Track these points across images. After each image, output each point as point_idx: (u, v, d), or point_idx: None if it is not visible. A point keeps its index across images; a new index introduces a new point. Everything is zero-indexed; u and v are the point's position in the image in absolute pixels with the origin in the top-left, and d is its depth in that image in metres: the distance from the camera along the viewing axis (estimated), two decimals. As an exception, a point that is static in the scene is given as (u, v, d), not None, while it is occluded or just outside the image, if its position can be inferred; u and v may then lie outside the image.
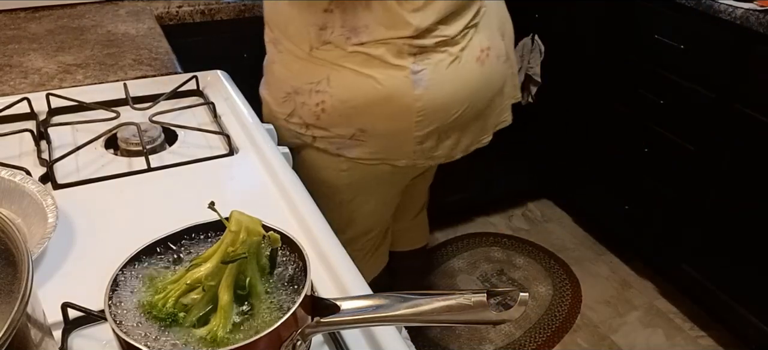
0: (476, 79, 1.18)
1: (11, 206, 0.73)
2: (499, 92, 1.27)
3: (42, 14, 1.45)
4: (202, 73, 1.12)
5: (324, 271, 0.67)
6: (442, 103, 1.15)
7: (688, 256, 1.87)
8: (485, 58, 1.18)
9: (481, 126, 1.27)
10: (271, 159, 0.87)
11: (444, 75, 1.13)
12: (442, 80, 1.13)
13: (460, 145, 1.25)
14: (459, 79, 1.15)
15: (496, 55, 1.22)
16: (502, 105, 1.31)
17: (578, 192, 2.32)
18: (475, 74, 1.18)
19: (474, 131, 1.26)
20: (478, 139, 1.30)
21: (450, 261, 2.18)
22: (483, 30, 1.19)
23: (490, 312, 0.47)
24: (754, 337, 1.72)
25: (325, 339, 0.58)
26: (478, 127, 1.26)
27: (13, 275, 0.39)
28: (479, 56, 1.17)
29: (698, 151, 1.76)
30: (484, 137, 1.31)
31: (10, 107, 0.94)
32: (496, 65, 1.22)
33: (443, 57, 1.13)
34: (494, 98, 1.26)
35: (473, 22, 1.16)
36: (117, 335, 0.47)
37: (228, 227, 0.51)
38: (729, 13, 1.56)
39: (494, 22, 1.23)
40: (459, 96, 1.16)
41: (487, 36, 1.20)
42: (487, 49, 1.19)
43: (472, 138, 1.27)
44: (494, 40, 1.22)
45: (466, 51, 1.16)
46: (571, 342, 1.88)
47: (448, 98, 1.15)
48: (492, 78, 1.22)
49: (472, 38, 1.17)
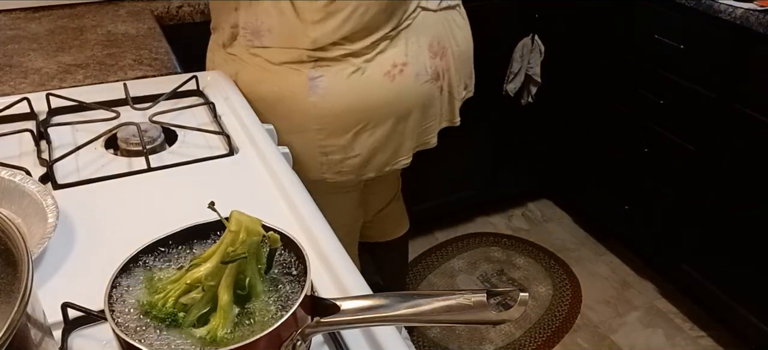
0: (382, 95, 1.12)
1: (11, 206, 0.73)
2: (420, 114, 1.19)
3: (42, 14, 1.45)
4: (202, 73, 1.12)
5: (324, 271, 0.67)
6: (341, 114, 1.11)
7: (688, 256, 1.87)
8: (397, 73, 1.12)
9: (395, 146, 1.20)
10: (271, 159, 0.87)
11: (343, 85, 1.09)
12: (340, 90, 1.10)
13: (372, 163, 1.19)
14: (359, 91, 1.10)
15: (414, 72, 1.14)
16: (425, 127, 1.23)
17: (578, 192, 2.32)
18: (381, 89, 1.12)
19: (387, 151, 1.19)
20: (394, 160, 1.22)
21: (450, 261, 2.18)
22: (401, 45, 1.12)
23: (490, 312, 0.47)
24: (754, 337, 1.72)
25: (325, 339, 0.58)
26: (391, 146, 1.19)
27: (13, 275, 0.39)
28: (389, 71, 1.11)
29: (698, 151, 1.76)
30: (400, 158, 1.23)
31: (10, 107, 0.94)
32: (412, 83, 1.14)
33: (344, 66, 1.09)
34: (407, 119, 1.18)
35: (388, 34, 1.11)
36: (117, 335, 0.47)
37: (228, 227, 0.51)
38: (729, 13, 1.56)
39: (423, 40, 1.15)
40: (359, 108, 1.11)
41: (405, 51, 1.13)
42: (402, 64, 1.12)
43: (386, 158, 1.21)
44: (417, 58, 1.14)
45: (373, 64, 1.11)
46: (571, 342, 1.88)
47: (346, 109, 1.11)
48: (404, 96, 1.15)
49: (384, 51, 1.11)
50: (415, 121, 1.19)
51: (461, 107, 1.33)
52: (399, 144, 1.20)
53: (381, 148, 1.18)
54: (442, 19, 1.19)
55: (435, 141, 1.28)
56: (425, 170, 1.86)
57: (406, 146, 1.22)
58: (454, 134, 1.33)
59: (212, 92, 1.08)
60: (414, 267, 2.14)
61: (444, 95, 1.23)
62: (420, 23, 1.14)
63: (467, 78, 1.31)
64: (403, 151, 1.22)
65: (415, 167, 1.58)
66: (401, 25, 1.12)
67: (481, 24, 1.80)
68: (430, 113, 1.22)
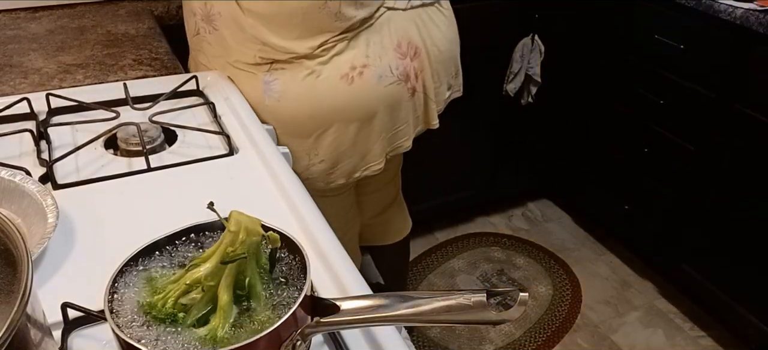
0: (339, 98, 1.08)
1: (11, 206, 0.73)
2: (386, 116, 1.14)
3: (42, 14, 1.45)
4: (202, 73, 1.12)
5: (324, 271, 0.67)
6: (297, 118, 1.08)
7: (688, 256, 1.87)
8: (356, 76, 1.08)
9: (362, 151, 1.15)
10: (271, 159, 0.87)
11: (297, 88, 1.07)
12: (295, 93, 1.07)
13: (339, 169, 1.16)
14: (315, 94, 1.07)
15: (377, 74, 1.09)
16: (395, 130, 1.18)
17: (578, 192, 2.32)
18: (338, 92, 1.08)
19: (353, 156, 1.15)
20: (364, 165, 1.18)
21: (450, 261, 2.18)
22: (361, 46, 1.08)
23: (490, 312, 0.47)
24: (754, 337, 1.72)
25: (325, 339, 0.58)
26: (357, 151, 1.15)
27: (13, 275, 0.39)
28: (347, 73, 1.07)
29: (698, 151, 1.76)
30: (370, 163, 1.18)
31: (10, 107, 0.94)
32: (374, 85, 1.09)
33: (298, 69, 1.06)
34: (371, 122, 1.13)
35: (342, 36, 1.07)
36: (117, 335, 0.47)
37: (227, 228, 0.51)
38: (729, 13, 1.56)
39: (388, 40, 1.11)
40: (315, 112, 1.08)
41: (365, 53, 1.08)
42: (362, 66, 1.08)
43: (353, 164, 1.16)
44: (380, 59, 1.10)
45: (329, 66, 1.07)
46: (571, 342, 1.88)
47: (302, 112, 1.08)
48: (365, 99, 1.10)
49: (341, 53, 1.07)
50: (381, 124, 1.14)
51: (460, 108, 1.31)
52: (366, 149, 1.15)
53: (346, 153, 1.14)
54: (414, 18, 1.14)
55: (409, 144, 1.23)
56: (425, 170, 1.86)
57: (374, 151, 1.17)
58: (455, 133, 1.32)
59: (212, 92, 1.08)
60: (414, 266, 2.14)
61: (417, 97, 1.18)
62: (384, 23, 1.10)
63: (451, 78, 1.26)
64: (371, 156, 1.17)
65: (415, 167, 1.58)
66: (362, 26, 1.08)
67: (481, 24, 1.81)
68: (398, 116, 1.16)
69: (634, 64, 1.90)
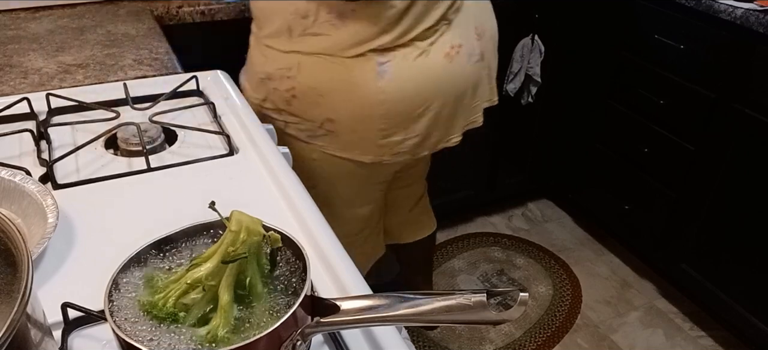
0: (443, 76, 1.18)
1: (11, 206, 0.73)
2: (471, 92, 1.26)
3: (42, 14, 1.45)
4: (202, 73, 1.12)
5: (324, 271, 0.67)
6: (407, 96, 1.15)
7: (688, 256, 1.87)
8: (455, 55, 1.18)
9: (448, 125, 1.26)
10: (271, 159, 0.87)
11: (409, 69, 1.14)
12: (407, 74, 1.14)
13: (427, 142, 1.24)
14: (425, 73, 1.15)
15: (467, 53, 1.20)
16: (473, 105, 1.29)
17: (578, 192, 2.32)
18: (443, 70, 1.17)
19: (441, 129, 1.25)
20: (446, 137, 1.28)
21: (450, 261, 2.18)
22: (456, 27, 1.19)
23: (490, 312, 0.47)
24: (754, 337, 1.72)
25: (325, 339, 0.58)
26: (444, 125, 1.25)
27: (13, 275, 0.39)
28: (448, 53, 1.17)
29: (698, 151, 1.76)
30: (452, 136, 1.29)
31: (10, 107, 0.94)
32: (466, 64, 1.21)
33: (410, 50, 1.14)
34: (463, 97, 1.24)
35: (446, 18, 1.16)
36: (117, 335, 0.47)
37: (228, 227, 0.51)
38: (729, 13, 1.56)
39: (471, 21, 1.22)
40: (424, 91, 1.16)
41: (459, 34, 1.19)
42: (458, 46, 1.18)
43: (439, 136, 1.26)
44: (467, 39, 1.21)
45: (435, 46, 1.16)
46: (571, 342, 1.88)
47: (412, 91, 1.15)
48: (461, 76, 1.21)
49: (443, 34, 1.17)
50: (468, 99, 1.26)
51: None
52: (452, 124, 1.26)
53: (438, 126, 1.23)
54: (481, 6, 1.26)
55: (481, 120, 1.34)
56: (425, 170, 1.86)
57: (458, 125, 1.28)
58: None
59: (212, 92, 1.08)
60: (414, 267, 2.14)
61: (487, 75, 1.31)
62: (468, 9, 1.21)
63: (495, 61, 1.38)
64: (454, 129, 1.28)
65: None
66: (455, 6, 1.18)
67: (481, 24, 1.80)
68: (478, 92, 1.28)
69: (634, 64, 1.90)
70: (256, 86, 1.24)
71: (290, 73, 1.16)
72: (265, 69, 1.20)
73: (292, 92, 1.17)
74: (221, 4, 1.53)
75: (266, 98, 1.22)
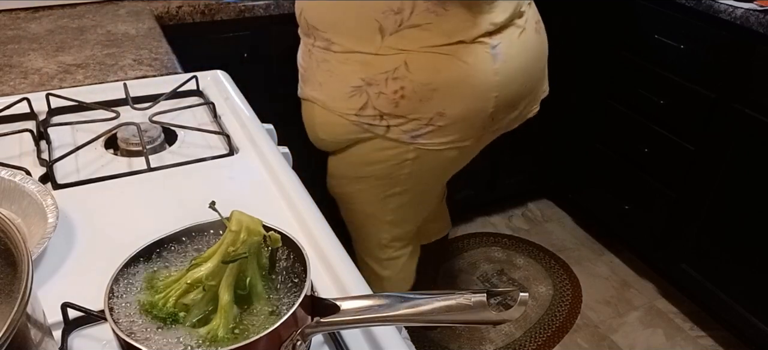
0: (536, 48, 1.22)
1: (11, 206, 0.73)
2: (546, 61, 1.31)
3: (42, 14, 1.45)
4: (202, 73, 1.12)
5: (324, 271, 0.67)
6: (515, 74, 1.17)
7: (688, 256, 1.87)
8: (540, 29, 1.24)
9: (533, 96, 1.30)
10: (271, 159, 0.87)
11: (515, 47, 1.16)
12: (514, 52, 1.16)
13: (519, 115, 1.28)
14: (525, 49, 1.19)
15: (543, 27, 1.27)
16: (545, 74, 1.34)
17: (578, 192, 2.32)
18: (535, 43, 1.22)
19: (527, 101, 1.28)
20: (530, 108, 1.32)
21: (450, 261, 2.18)
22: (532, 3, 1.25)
23: (490, 312, 0.47)
24: (754, 337, 1.72)
25: (325, 339, 0.58)
26: (531, 97, 1.28)
27: (13, 275, 0.39)
28: (536, 27, 1.23)
29: (698, 151, 1.76)
30: (534, 106, 1.33)
31: (10, 107, 0.94)
32: (544, 35, 1.27)
33: (513, 29, 1.15)
34: (544, 67, 1.30)
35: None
36: (117, 335, 0.47)
37: (229, 227, 0.51)
38: (729, 13, 1.56)
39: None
40: (525, 66, 1.19)
41: (534, 9, 1.25)
42: (538, 20, 1.25)
43: (525, 107, 1.29)
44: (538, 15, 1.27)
45: (528, 22, 1.20)
46: (571, 342, 1.88)
47: (519, 68, 1.18)
48: (544, 46, 1.27)
49: (531, 6, 1.23)
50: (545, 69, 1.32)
51: None
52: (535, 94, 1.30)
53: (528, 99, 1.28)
54: None
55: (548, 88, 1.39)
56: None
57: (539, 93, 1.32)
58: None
59: (212, 92, 1.08)
60: (414, 267, 2.14)
61: None
62: None
63: None
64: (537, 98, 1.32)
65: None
66: None
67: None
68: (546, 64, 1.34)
69: (634, 64, 1.90)
70: (347, 98, 1.17)
71: (397, 74, 1.11)
72: (361, 76, 1.14)
73: (401, 92, 1.12)
74: (221, 3, 1.53)
75: (366, 106, 1.16)
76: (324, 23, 1.16)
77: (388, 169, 1.25)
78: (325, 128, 1.26)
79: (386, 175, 1.26)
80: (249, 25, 1.56)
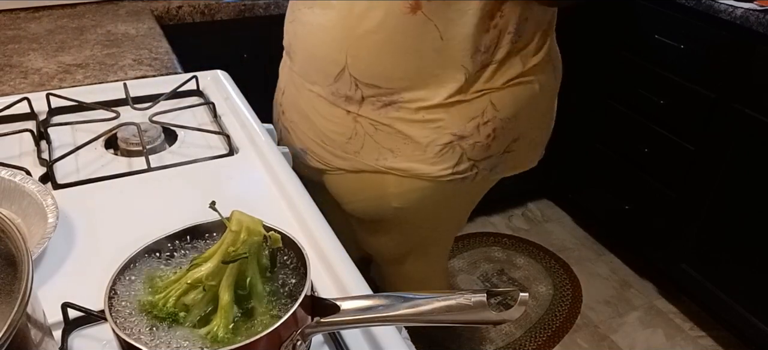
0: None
1: (11, 206, 0.73)
2: None
3: (42, 14, 1.45)
4: (202, 73, 1.12)
5: (324, 271, 0.67)
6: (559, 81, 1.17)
7: (688, 256, 1.87)
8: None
9: None
10: (271, 159, 0.87)
11: (557, 53, 1.17)
12: (558, 60, 1.17)
13: None
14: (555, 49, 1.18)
15: None
16: None
17: (578, 192, 2.32)
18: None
19: None
20: None
21: (450, 261, 2.18)
22: None
23: (490, 312, 0.47)
24: (754, 337, 1.72)
25: (325, 339, 0.58)
26: None
27: (13, 275, 0.39)
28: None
29: (698, 151, 1.76)
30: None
31: (10, 107, 0.94)
32: None
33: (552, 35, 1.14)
34: None
35: None
36: (117, 335, 0.47)
37: (229, 227, 0.51)
38: (729, 13, 1.56)
39: None
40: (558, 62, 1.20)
41: None
42: None
43: None
44: None
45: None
46: (571, 342, 1.88)
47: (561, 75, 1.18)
48: None
49: None
50: None
51: None
52: None
53: None
54: None
55: None
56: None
57: None
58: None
59: (212, 92, 1.08)
60: (414, 267, 2.14)
61: None
62: None
63: None
64: None
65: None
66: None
67: (481, 24, 1.80)
68: None
69: (634, 64, 1.90)
70: (437, 160, 1.02)
71: (485, 118, 1.00)
72: (451, 131, 1.00)
73: (492, 135, 1.02)
74: (221, 3, 1.53)
75: (460, 160, 1.03)
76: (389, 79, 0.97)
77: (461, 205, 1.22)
78: (406, 197, 1.07)
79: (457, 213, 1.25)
80: (249, 25, 1.56)
